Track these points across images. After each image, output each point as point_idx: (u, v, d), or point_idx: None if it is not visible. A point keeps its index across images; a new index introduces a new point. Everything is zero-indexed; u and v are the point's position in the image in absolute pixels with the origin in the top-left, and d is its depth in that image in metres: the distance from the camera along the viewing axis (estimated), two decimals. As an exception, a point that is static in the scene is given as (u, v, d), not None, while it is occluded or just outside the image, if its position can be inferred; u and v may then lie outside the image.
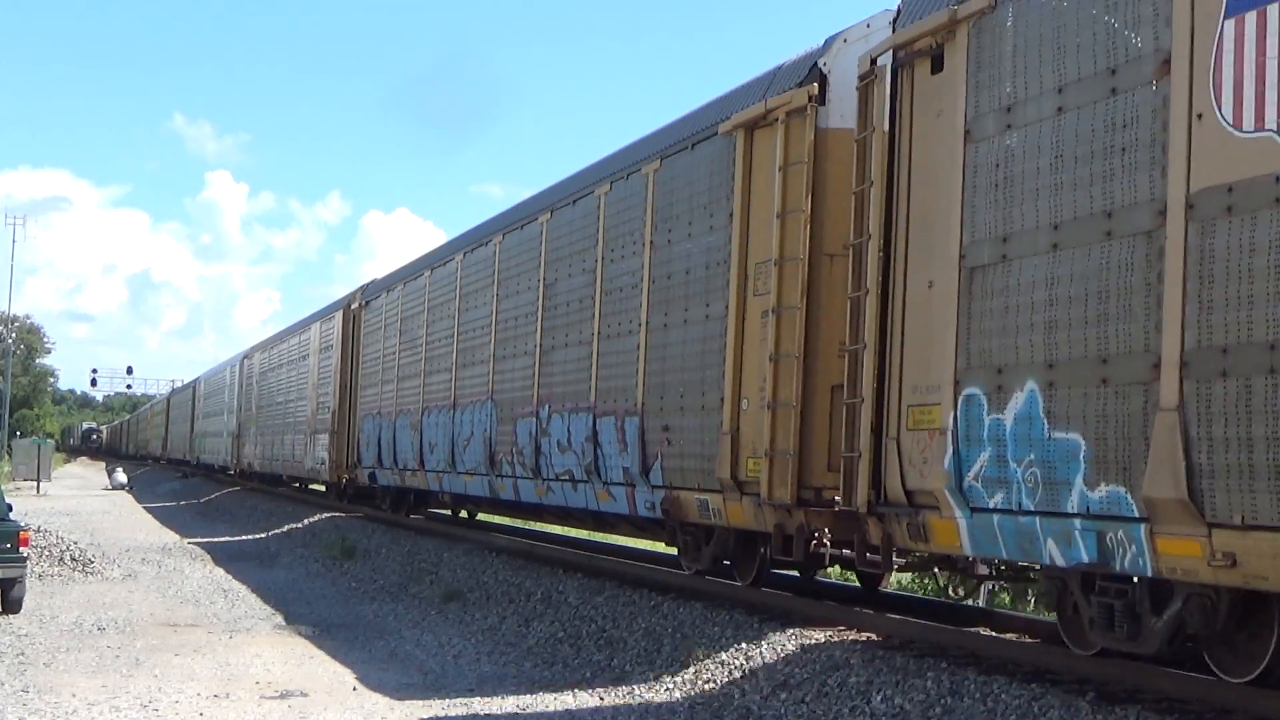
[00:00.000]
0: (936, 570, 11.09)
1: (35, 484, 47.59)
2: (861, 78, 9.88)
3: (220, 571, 20.19)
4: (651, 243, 13.19)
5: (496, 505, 20.15)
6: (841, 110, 10.62)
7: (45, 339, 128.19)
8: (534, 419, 15.72)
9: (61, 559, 18.98)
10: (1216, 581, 6.67)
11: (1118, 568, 7.19)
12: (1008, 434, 7.99)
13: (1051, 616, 9.56)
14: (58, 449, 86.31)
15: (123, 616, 14.67)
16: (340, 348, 27.38)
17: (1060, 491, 7.54)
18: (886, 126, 9.58)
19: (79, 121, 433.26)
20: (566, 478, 14.84)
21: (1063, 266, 7.63)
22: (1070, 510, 7.46)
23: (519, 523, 22.26)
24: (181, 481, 55.51)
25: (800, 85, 10.84)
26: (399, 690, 10.39)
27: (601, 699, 10.04)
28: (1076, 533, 7.42)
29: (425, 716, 9.46)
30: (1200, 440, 6.54)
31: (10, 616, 14.25)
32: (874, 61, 9.72)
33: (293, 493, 36.07)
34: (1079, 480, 7.40)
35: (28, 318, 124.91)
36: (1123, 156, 7.25)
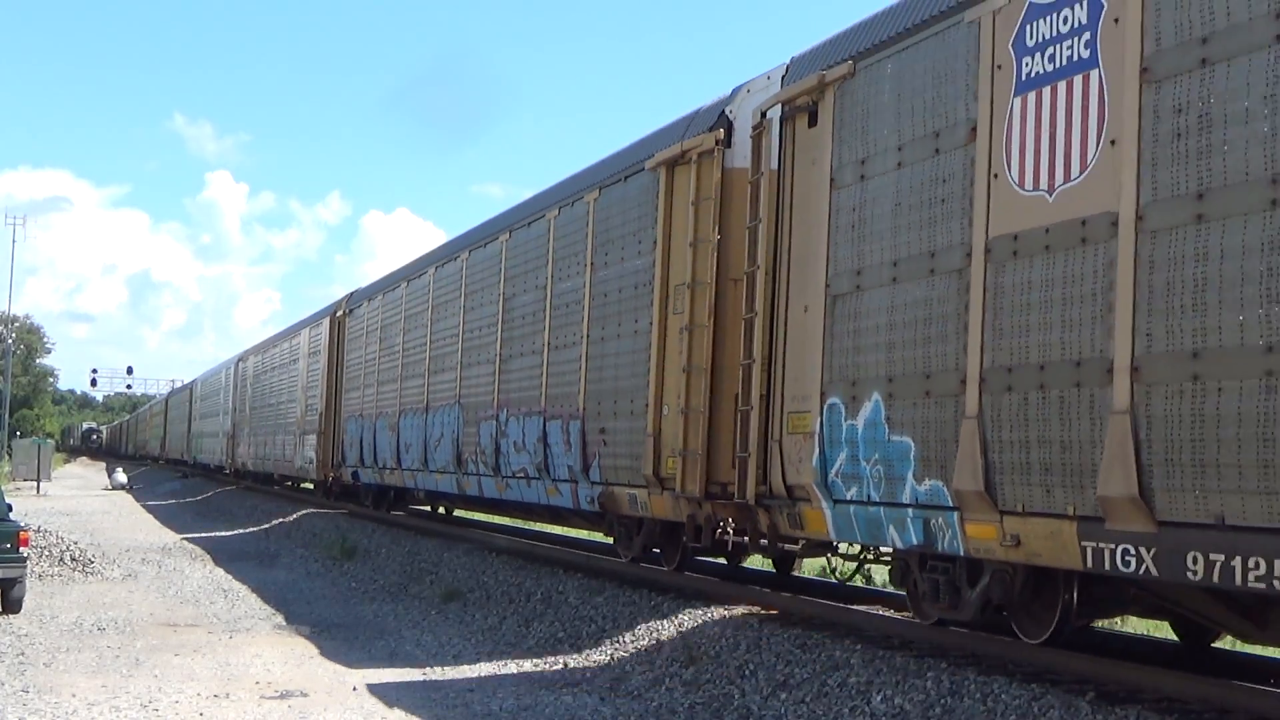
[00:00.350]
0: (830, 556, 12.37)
1: (35, 484, 47.61)
2: (754, 128, 11.33)
3: (220, 571, 20.19)
4: (592, 264, 14.59)
5: (464, 501, 21.58)
6: (744, 152, 11.82)
7: (45, 339, 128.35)
8: (494, 421, 17.20)
9: (61, 559, 18.98)
10: (1008, 559, 8.21)
11: (940, 549, 8.73)
12: (860, 437, 9.49)
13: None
14: (58, 449, 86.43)
15: (123, 616, 14.67)
16: (327, 353, 28.74)
17: (897, 485, 9.03)
18: (775, 168, 10.99)
19: (79, 122, 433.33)
20: (522, 475, 16.20)
21: (899, 297, 9.20)
22: (904, 501, 8.97)
23: (518, 523, 22.42)
24: (181, 481, 55.52)
25: (710, 130, 12.29)
26: (399, 690, 10.38)
27: (601, 699, 10.05)
28: (909, 520, 8.95)
29: (425, 716, 9.46)
30: (994, 442, 8.12)
31: (10, 616, 14.25)
32: (764, 114, 11.19)
33: (284, 491, 37.01)
34: (910, 476, 8.93)
35: (28, 318, 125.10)
36: (943, 206, 8.83)
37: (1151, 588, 8.15)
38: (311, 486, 33.02)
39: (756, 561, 15.51)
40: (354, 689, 10.46)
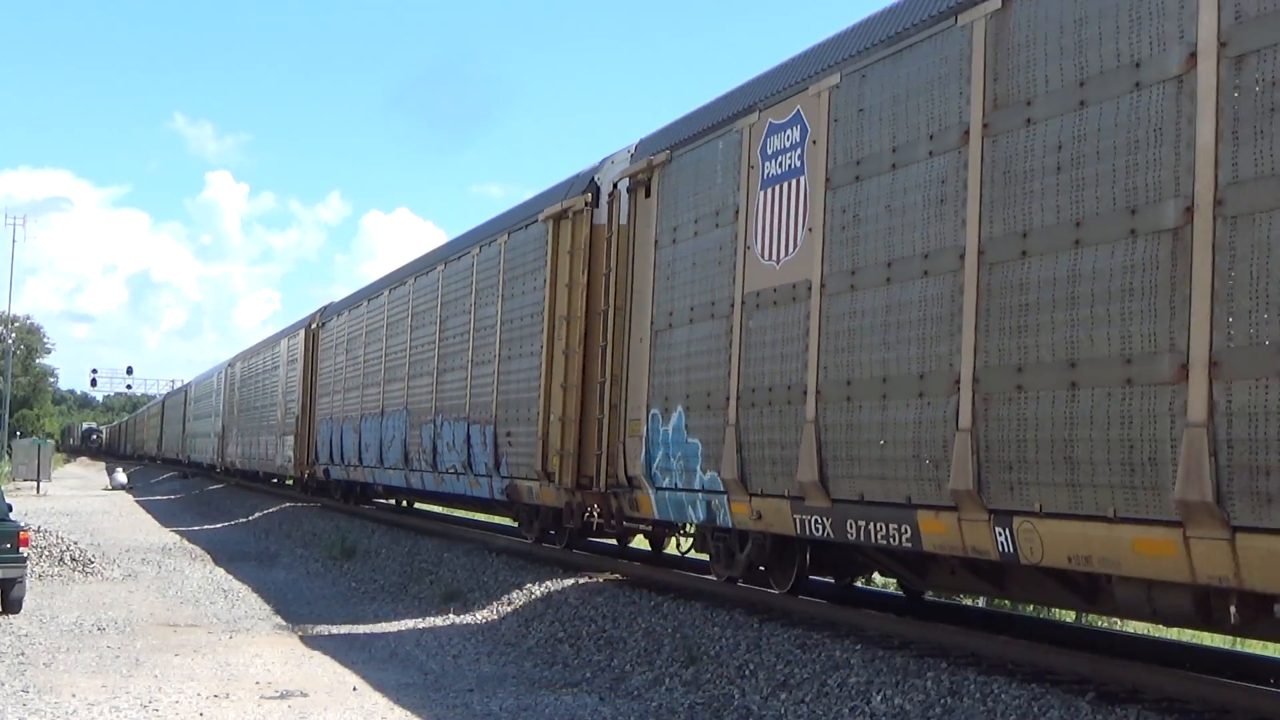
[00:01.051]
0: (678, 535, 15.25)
1: (35, 484, 47.63)
2: (610, 194, 14.54)
3: (220, 571, 20.20)
4: (503, 296, 17.62)
5: (411, 493, 25.32)
6: (605, 213, 14.71)
7: (45, 339, 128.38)
8: (433, 425, 20.13)
9: (61, 559, 18.98)
10: (758, 529, 11.12)
11: (718, 523, 11.65)
12: (670, 439, 12.40)
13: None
14: (58, 449, 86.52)
15: (123, 616, 14.67)
16: (303, 361, 31.44)
17: (692, 475, 11.96)
18: (625, 226, 13.98)
19: (79, 122, 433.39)
20: (453, 471, 19.15)
21: (694, 333, 12.14)
22: (696, 488, 11.89)
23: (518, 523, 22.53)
24: (180, 481, 55.59)
25: (582, 193, 15.11)
26: (399, 690, 10.39)
27: (601, 699, 10.05)
28: (699, 501, 11.90)
29: (425, 716, 9.46)
30: (745, 443, 11.07)
31: (10, 616, 14.26)
32: (615, 185, 14.38)
33: (269, 488, 39.29)
34: (699, 468, 11.81)
35: (28, 318, 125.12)
36: (719, 267, 11.75)
37: (840, 547, 11.04)
38: (291, 482, 35.69)
39: (641, 542, 17.42)
40: (354, 689, 10.46)
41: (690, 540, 14.32)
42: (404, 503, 27.95)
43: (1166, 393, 7.03)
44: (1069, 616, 12.90)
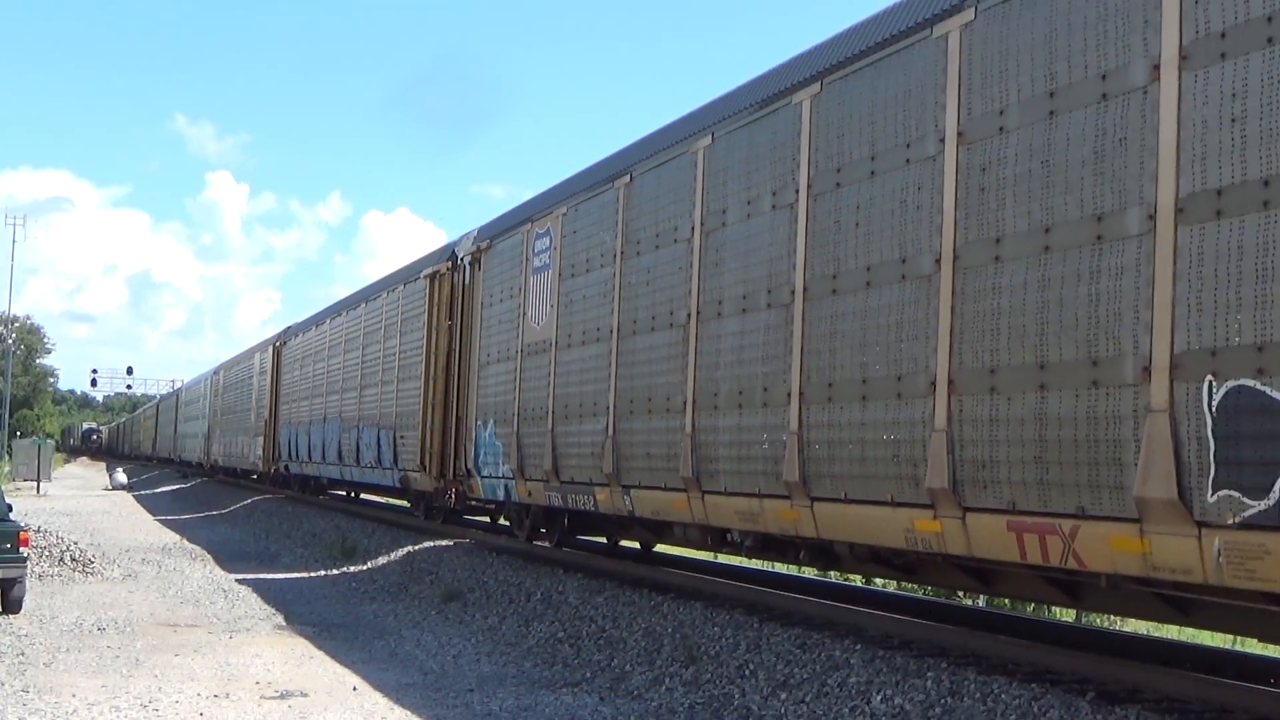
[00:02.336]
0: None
1: (35, 484, 47.62)
2: (457, 264, 20.05)
3: (220, 571, 20.19)
4: (400, 332, 23.24)
5: (343, 484, 30.90)
6: (460, 277, 20.04)
7: (45, 339, 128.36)
8: (357, 430, 25.93)
9: (61, 559, 18.97)
10: (531, 502, 16.41)
11: (512, 499, 16.92)
12: (487, 442, 17.59)
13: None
14: (58, 449, 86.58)
15: (123, 616, 14.67)
16: (270, 374, 36.96)
17: (498, 467, 17.04)
18: (468, 287, 19.33)
19: (80, 122, 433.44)
20: (369, 465, 24.88)
21: (498, 369, 17.39)
22: (500, 475, 16.94)
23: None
24: (181, 481, 55.66)
25: (446, 260, 20.76)
26: (399, 690, 10.39)
27: (601, 699, 10.05)
28: (501, 485, 16.99)
29: (425, 716, 9.46)
30: (523, 445, 16.13)
31: (10, 616, 14.25)
32: (461, 257, 19.76)
33: (248, 483, 43.32)
34: (501, 462, 16.86)
35: (28, 318, 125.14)
36: (512, 326, 17.01)
37: (573, 513, 15.86)
38: (256, 477, 41.14)
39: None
40: (354, 689, 10.46)
41: (503, 514, 20.33)
42: (352, 495, 32.73)
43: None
44: (1069, 616, 12.90)
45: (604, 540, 17.63)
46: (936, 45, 8.83)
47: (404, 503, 26.58)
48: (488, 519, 22.09)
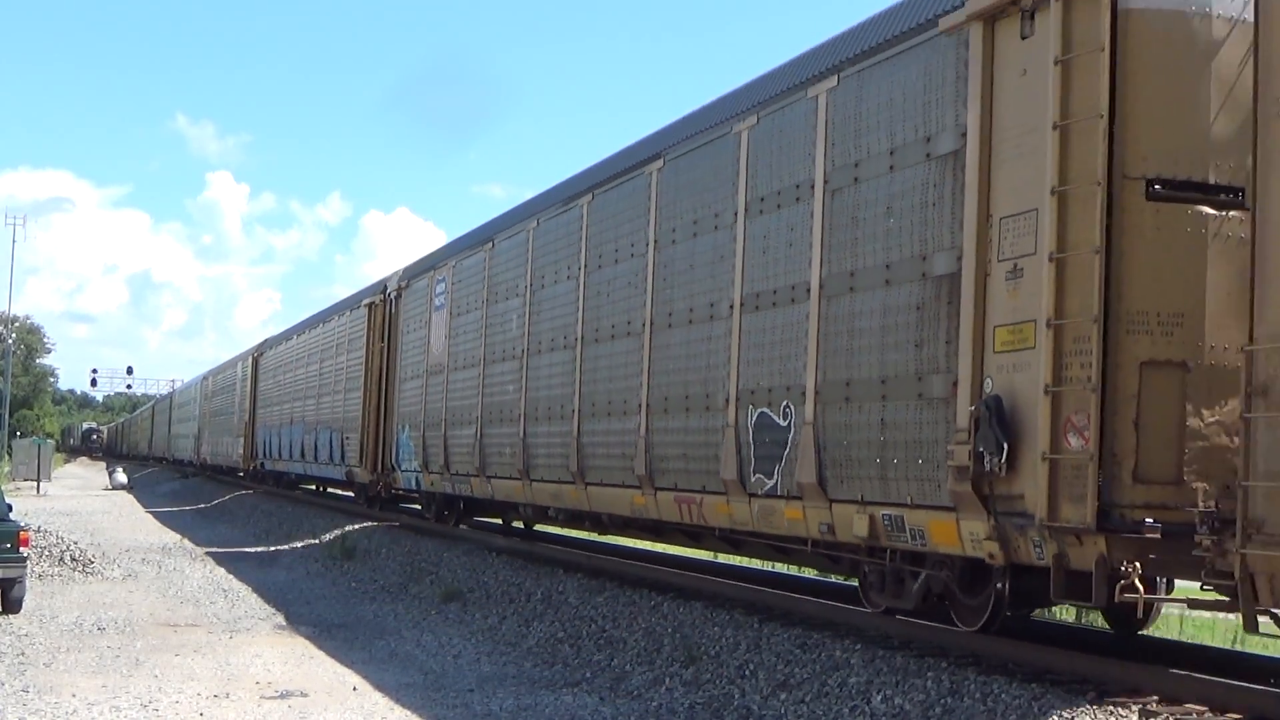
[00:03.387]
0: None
1: (35, 484, 47.61)
2: (389, 294, 24.17)
3: (220, 571, 20.20)
4: (347, 350, 27.67)
5: (305, 479, 35.89)
6: (392, 307, 24.28)
7: (45, 339, 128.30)
8: (315, 432, 30.55)
9: (61, 559, 18.98)
10: (438, 490, 20.92)
11: (420, 488, 21.98)
12: (403, 443, 22.19)
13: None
14: (58, 449, 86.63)
15: (123, 616, 14.67)
16: (250, 381, 41.21)
17: (411, 463, 21.62)
18: (394, 314, 23.88)
19: (81, 122, 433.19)
20: (324, 461, 29.49)
21: (411, 385, 21.86)
22: (412, 470, 21.65)
23: (517, 523, 22.74)
24: (181, 481, 55.75)
25: (381, 293, 25.18)
26: (399, 690, 10.39)
27: (601, 699, 10.05)
28: (414, 477, 21.71)
29: (425, 716, 9.46)
30: (427, 445, 20.74)
31: (10, 616, 14.25)
32: (389, 291, 24.23)
33: (234, 479, 46.41)
34: (413, 459, 21.52)
35: (28, 318, 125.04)
36: (423, 350, 21.36)
37: (465, 499, 20.42)
38: (241, 474, 44.76)
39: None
40: (354, 689, 10.46)
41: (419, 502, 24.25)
42: (319, 489, 36.67)
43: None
44: (1069, 616, 12.90)
45: (499, 520, 21.79)
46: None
47: (349, 493, 32.04)
48: (418, 506, 24.68)
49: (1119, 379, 7.90)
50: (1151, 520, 7.56)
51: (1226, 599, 7.20)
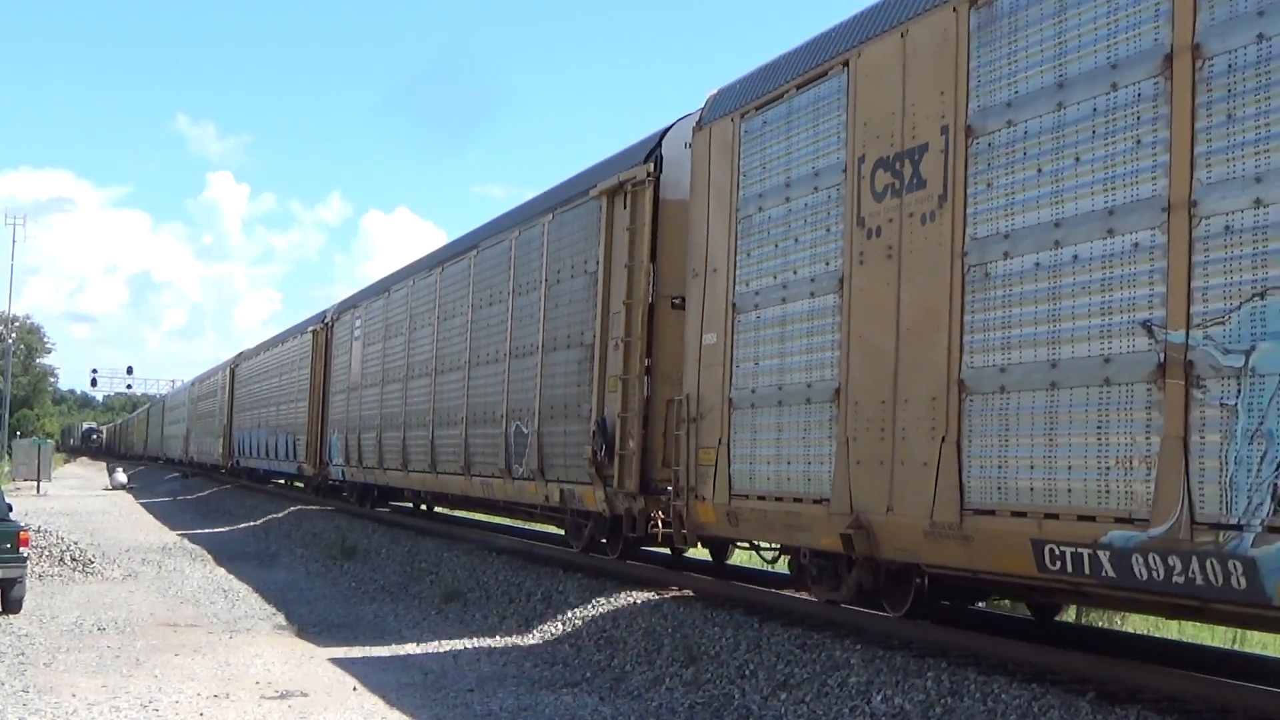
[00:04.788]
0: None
1: (35, 484, 47.60)
2: (325, 325, 29.97)
3: (220, 571, 20.19)
4: (299, 368, 32.58)
5: (271, 473, 39.89)
6: (326, 333, 30.20)
7: (45, 339, 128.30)
8: (276, 434, 36.04)
9: (61, 559, 18.97)
10: (356, 481, 27.19)
11: (346, 479, 28.29)
12: (334, 443, 28.27)
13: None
14: (58, 449, 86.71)
15: (123, 616, 14.67)
16: (227, 389, 46.95)
17: (339, 459, 27.68)
18: (327, 340, 30.03)
19: (81, 123, 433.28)
20: (282, 459, 35.11)
21: (339, 397, 28.07)
22: (339, 464, 27.91)
23: (519, 523, 23.01)
24: (181, 481, 55.79)
25: (321, 321, 30.83)
26: (399, 690, 10.38)
27: (601, 699, 10.05)
28: (340, 470, 28.25)
29: (425, 716, 9.46)
30: (352, 446, 26.34)
31: (10, 616, 14.25)
32: (327, 320, 29.54)
33: (218, 476, 50.92)
34: (340, 456, 27.68)
35: (28, 318, 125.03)
36: (347, 371, 27.47)
37: (375, 487, 26.43)
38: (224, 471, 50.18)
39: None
40: (354, 689, 10.46)
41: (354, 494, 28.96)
42: (288, 483, 40.41)
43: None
44: (1069, 616, 12.90)
45: (410, 505, 26.84)
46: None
47: (299, 484, 37.98)
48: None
49: (654, 409, 13.46)
50: (670, 488, 12.50)
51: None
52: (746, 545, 13.17)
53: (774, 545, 12.41)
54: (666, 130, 13.95)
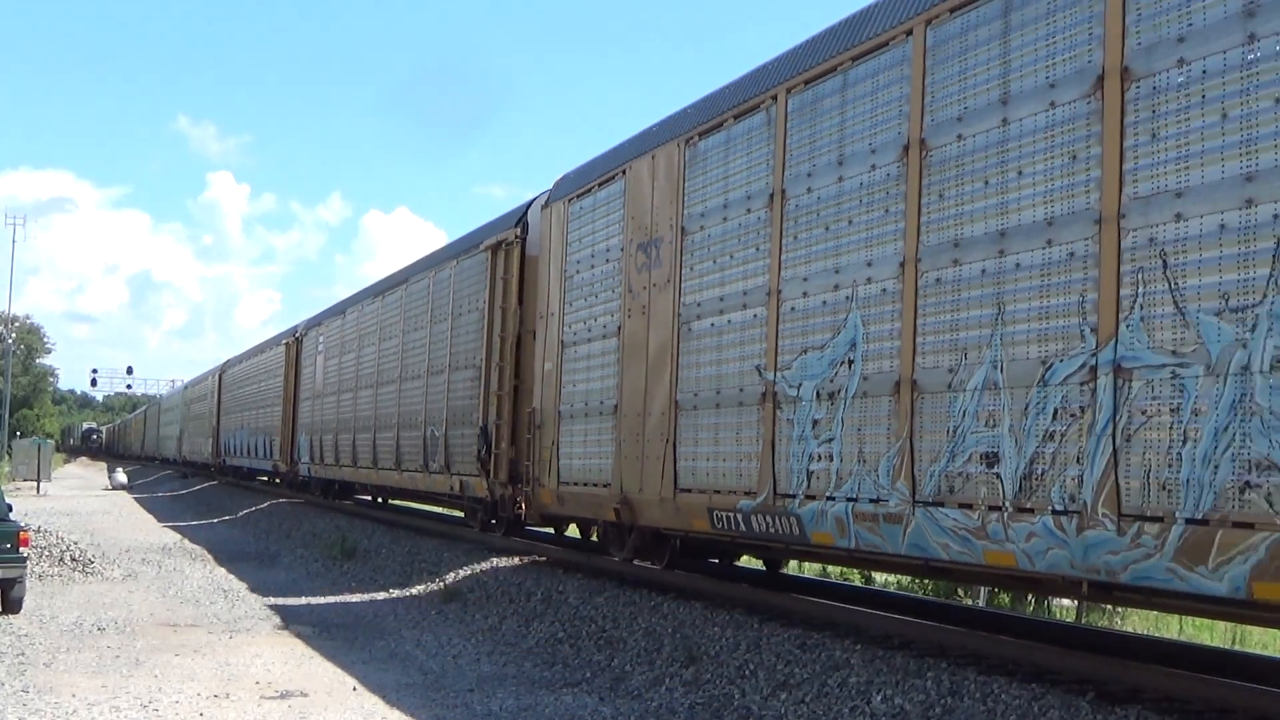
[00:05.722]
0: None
1: (35, 484, 47.62)
2: (296, 339, 34.36)
3: (220, 571, 20.19)
4: (274, 376, 36.08)
5: (253, 471, 42.39)
6: (294, 350, 34.95)
7: (45, 339, 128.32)
8: (256, 435, 39.28)
9: (61, 559, 18.97)
10: (319, 476, 31.33)
11: (312, 475, 32.00)
12: (304, 445, 32.03)
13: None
14: (58, 449, 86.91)
15: (123, 616, 14.67)
16: (215, 394, 50.90)
17: (306, 457, 31.72)
18: (299, 353, 34.42)
19: (82, 123, 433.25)
20: (261, 457, 38.35)
21: (306, 404, 32.49)
22: (306, 462, 31.86)
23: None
24: (180, 481, 55.84)
25: (292, 335, 34.97)
26: (399, 690, 10.39)
27: (601, 699, 10.05)
28: (306, 467, 32.16)
29: (425, 716, 9.46)
30: (315, 445, 30.62)
31: (10, 616, 14.25)
32: (298, 335, 33.93)
33: (207, 473, 54.33)
34: (308, 454, 31.50)
35: (28, 318, 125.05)
36: (312, 382, 31.96)
37: (318, 479, 31.90)
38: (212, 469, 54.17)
39: None
40: (354, 689, 10.46)
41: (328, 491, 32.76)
42: (275, 480, 41.73)
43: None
44: (1069, 616, 12.91)
45: (369, 498, 30.32)
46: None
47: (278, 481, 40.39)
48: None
49: (520, 418, 17.04)
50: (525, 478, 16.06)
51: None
52: (572, 519, 16.64)
53: (587, 518, 15.69)
54: (531, 202, 17.68)
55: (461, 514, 22.25)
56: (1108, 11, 7.48)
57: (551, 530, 18.81)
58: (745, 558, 15.96)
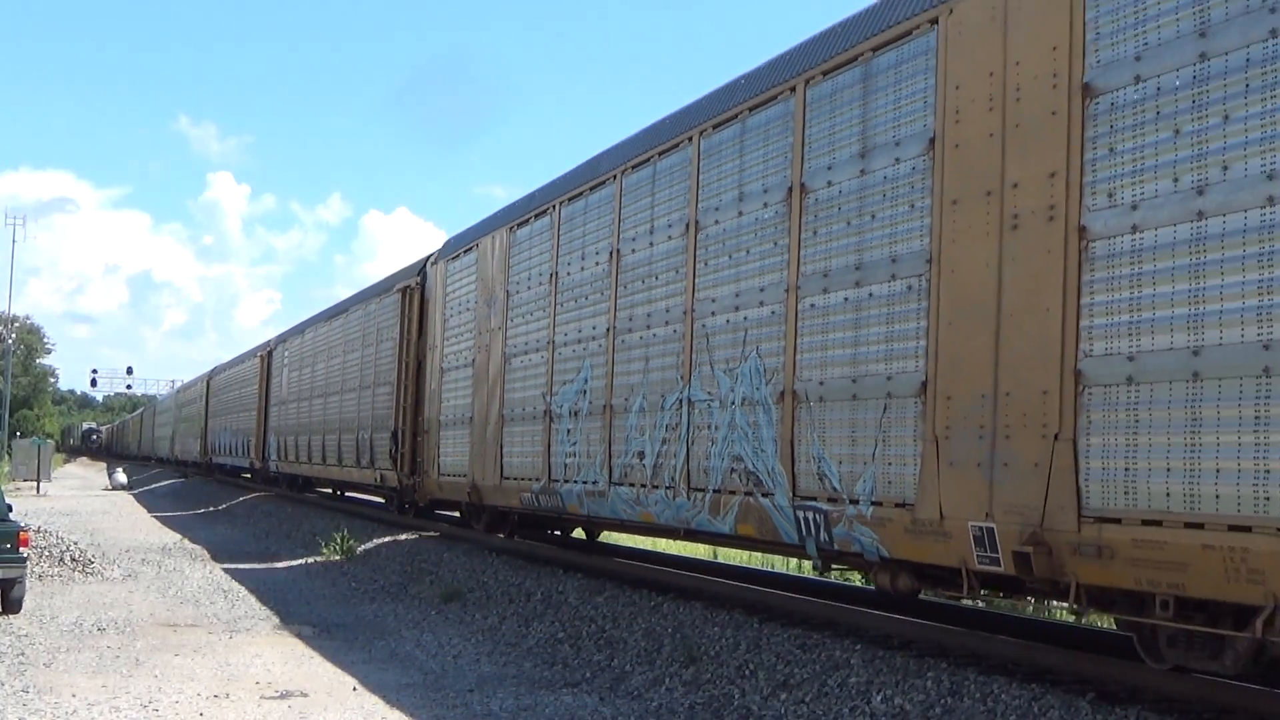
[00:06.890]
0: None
1: (35, 484, 47.61)
2: (268, 352, 39.16)
3: (220, 571, 20.19)
4: (249, 385, 41.39)
5: (237, 468, 45.34)
6: (267, 362, 39.94)
7: (45, 339, 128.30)
8: (237, 436, 43.18)
9: (61, 559, 18.96)
10: (287, 472, 35.95)
11: (281, 471, 36.28)
12: (274, 444, 36.17)
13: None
14: (58, 449, 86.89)
15: (123, 616, 14.66)
16: (205, 398, 54.59)
17: (275, 454, 35.95)
18: (271, 372, 38.72)
19: (82, 123, 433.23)
20: (239, 456, 42.74)
21: (276, 409, 36.58)
22: (276, 459, 35.93)
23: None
24: (180, 481, 55.83)
25: (266, 349, 39.73)
26: (399, 690, 10.38)
27: (601, 699, 10.04)
28: (275, 465, 36.54)
29: (425, 716, 9.46)
30: (284, 446, 34.79)
31: (10, 617, 14.24)
32: (270, 348, 39.17)
33: (199, 471, 57.39)
34: (277, 453, 35.73)
35: (28, 318, 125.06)
36: (282, 390, 35.97)
37: (291, 476, 36.05)
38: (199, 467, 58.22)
39: None
40: (354, 689, 10.46)
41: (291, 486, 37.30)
42: (249, 475, 45.05)
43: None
44: (1070, 616, 12.90)
45: (330, 491, 35.03)
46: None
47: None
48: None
49: (420, 424, 21.11)
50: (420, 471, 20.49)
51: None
52: (449, 502, 20.65)
53: (457, 500, 19.74)
54: (429, 256, 21.97)
55: (384, 500, 28.03)
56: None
57: (459, 514, 22.33)
58: (577, 531, 19.24)
